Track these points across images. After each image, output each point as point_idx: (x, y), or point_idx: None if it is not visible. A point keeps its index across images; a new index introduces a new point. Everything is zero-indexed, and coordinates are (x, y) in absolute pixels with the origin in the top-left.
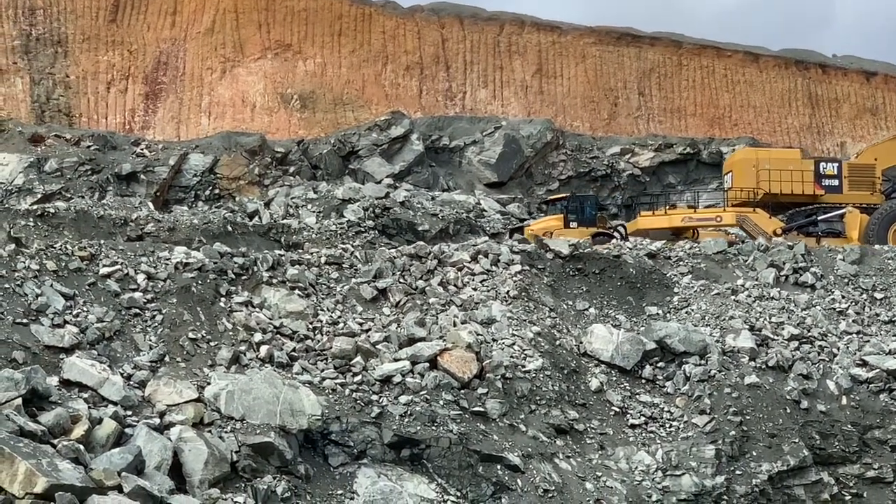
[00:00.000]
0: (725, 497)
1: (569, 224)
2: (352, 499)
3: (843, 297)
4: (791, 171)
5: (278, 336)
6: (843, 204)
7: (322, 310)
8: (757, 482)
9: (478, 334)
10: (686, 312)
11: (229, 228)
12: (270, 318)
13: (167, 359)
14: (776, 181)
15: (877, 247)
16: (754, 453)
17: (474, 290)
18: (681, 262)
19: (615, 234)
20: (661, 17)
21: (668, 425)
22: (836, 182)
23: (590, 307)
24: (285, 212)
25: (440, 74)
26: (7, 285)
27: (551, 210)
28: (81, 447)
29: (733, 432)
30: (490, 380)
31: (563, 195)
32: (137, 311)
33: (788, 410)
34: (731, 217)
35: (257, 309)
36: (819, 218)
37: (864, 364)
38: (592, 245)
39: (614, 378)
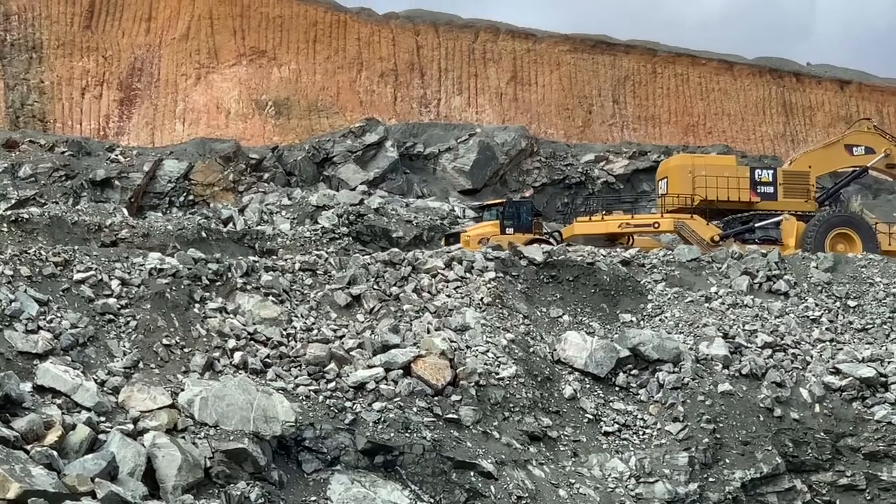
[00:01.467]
0: None
1: (505, 230)
2: None
3: (817, 304)
4: (727, 177)
5: (252, 342)
6: (778, 211)
7: (296, 316)
8: (730, 489)
9: (451, 341)
10: (660, 320)
11: (203, 234)
12: (244, 325)
13: (141, 365)
14: (712, 188)
15: (850, 255)
16: (727, 461)
17: (448, 296)
18: (655, 270)
19: (551, 240)
20: (642, 25)
21: (641, 433)
22: (771, 189)
23: (564, 314)
24: (259, 218)
25: (415, 81)
26: None
27: (487, 216)
28: (55, 453)
29: (706, 440)
30: (464, 387)
31: (499, 200)
32: (111, 316)
33: (762, 418)
34: (669, 223)
35: (231, 315)
36: (756, 225)
37: (837, 372)
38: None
39: (588, 385)
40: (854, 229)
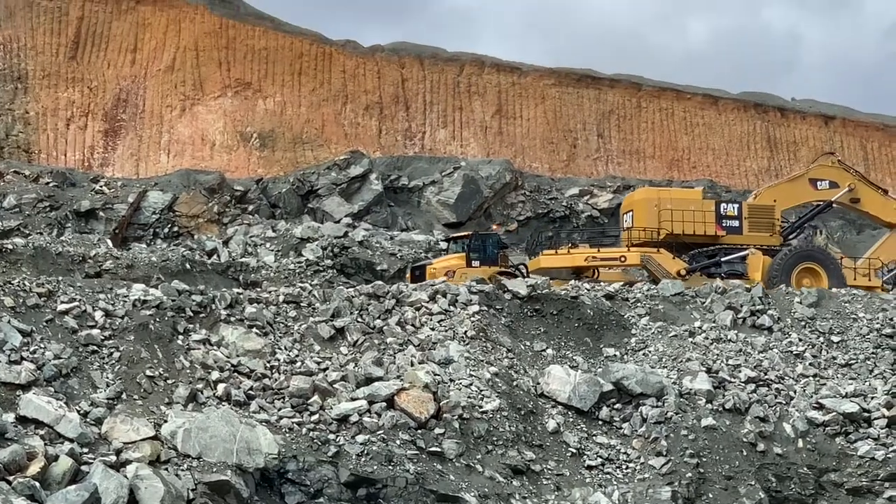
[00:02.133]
0: None
1: (471, 263)
2: None
3: (800, 339)
4: (693, 211)
5: (236, 374)
6: (743, 245)
7: (280, 348)
8: None
9: (435, 374)
10: (643, 354)
11: (188, 266)
12: (228, 357)
13: (124, 396)
14: (678, 221)
15: (833, 290)
16: (710, 495)
17: (432, 329)
18: (638, 304)
19: (517, 272)
20: (627, 60)
21: (624, 467)
22: (736, 223)
23: (547, 348)
24: (244, 250)
25: (400, 114)
26: None
27: (453, 248)
28: (37, 484)
29: (690, 474)
30: (447, 420)
31: (466, 233)
32: (95, 348)
33: (745, 453)
34: (636, 257)
35: (215, 347)
36: (722, 259)
37: (820, 407)
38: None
39: (571, 419)
40: (820, 264)
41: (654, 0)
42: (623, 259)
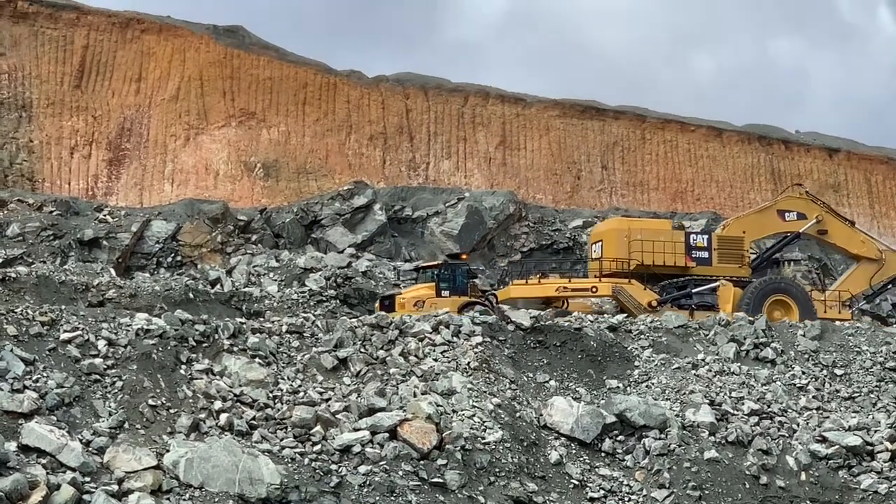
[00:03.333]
0: None
1: (441, 293)
2: None
3: (804, 372)
4: (663, 241)
5: (238, 404)
6: (713, 276)
7: (282, 378)
8: None
9: (438, 405)
10: (646, 386)
11: (191, 296)
12: (231, 386)
13: (126, 425)
14: (648, 252)
15: (837, 322)
16: None
17: (435, 360)
18: (642, 336)
19: (487, 303)
20: (633, 93)
21: (627, 499)
22: (706, 254)
23: (550, 379)
24: (247, 280)
25: (404, 145)
26: None
27: (422, 278)
28: None
29: None
30: (450, 451)
31: (435, 263)
32: (97, 377)
33: (748, 486)
34: (607, 288)
35: (217, 377)
36: (693, 291)
37: (823, 440)
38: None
39: (574, 451)
40: (790, 296)
41: (660, 35)
42: (594, 290)
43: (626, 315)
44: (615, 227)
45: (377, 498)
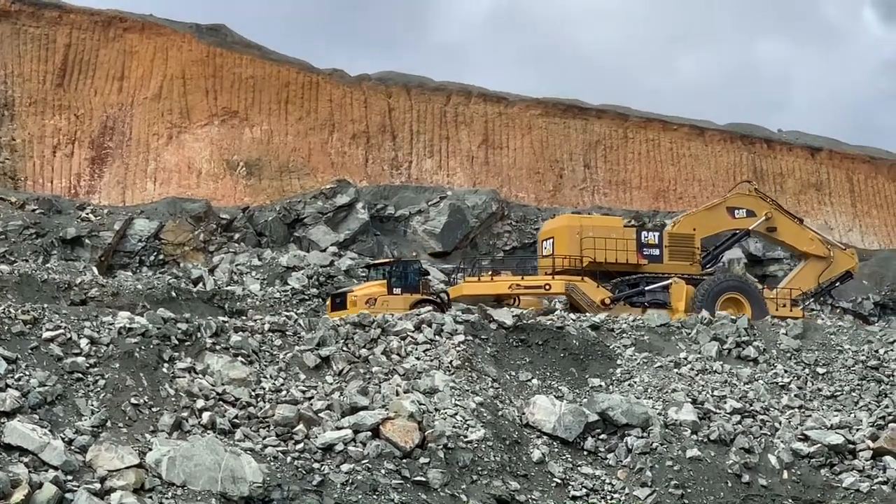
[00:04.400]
0: None
1: (392, 290)
2: None
3: (786, 371)
4: (615, 239)
5: (221, 403)
6: (665, 274)
7: (265, 377)
8: None
9: (420, 404)
10: (629, 385)
11: (173, 294)
12: (213, 385)
13: (109, 424)
14: (601, 249)
15: (819, 321)
16: None
17: (417, 359)
18: (624, 335)
19: (439, 300)
20: (618, 96)
21: (609, 497)
22: (657, 252)
23: (532, 378)
24: (230, 278)
25: (386, 143)
26: None
27: (374, 275)
28: None
29: None
30: (432, 449)
31: (387, 260)
32: (80, 375)
33: (730, 484)
34: (560, 285)
35: (200, 375)
36: (646, 288)
37: (805, 439)
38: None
39: (556, 449)
40: (743, 294)
41: (646, 36)
42: (548, 287)
43: (578, 313)
44: (566, 224)
45: (360, 496)
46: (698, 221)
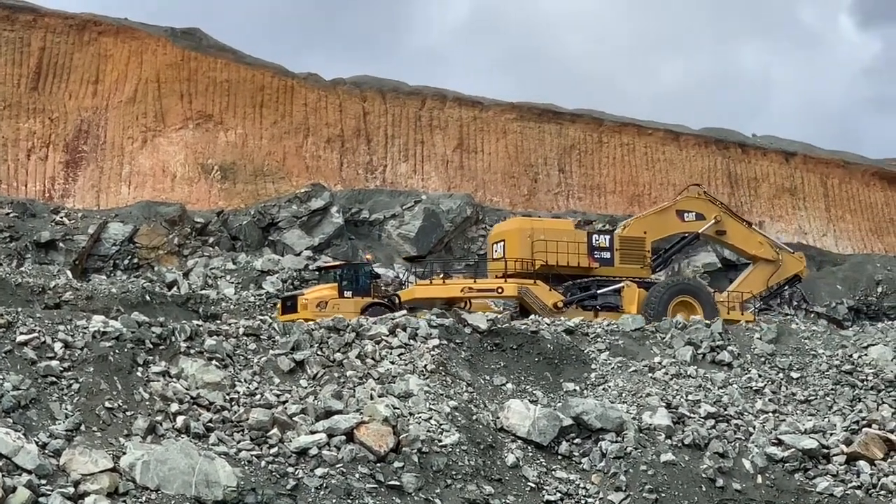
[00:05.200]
0: None
1: (343, 293)
2: None
3: (760, 375)
4: (566, 242)
5: (195, 406)
6: (617, 277)
7: (239, 381)
8: None
9: (395, 408)
10: (603, 389)
11: (147, 298)
12: (187, 389)
13: (83, 428)
14: (552, 252)
15: (793, 326)
16: None
17: (392, 363)
18: (598, 339)
19: (390, 303)
20: (598, 104)
21: (583, 502)
22: (608, 255)
23: (507, 382)
24: (204, 282)
25: (361, 147)
26: None
27: (324, 278)
28: None
29: None
30: (406, 454)
31: (337, 263)
32: (54, 379)
33: (704, 488)
34: (513, 289)
35: (174, 379)
36: (598, 292)
37: (779, 443)
38: (365, 316)
39: (530, 454)
40: (695, 297)
41: (625, 42)
42: (500, 290)
43: (529, 316)
44: (517, 227)
45: (334, 500)
46: (649, 224)
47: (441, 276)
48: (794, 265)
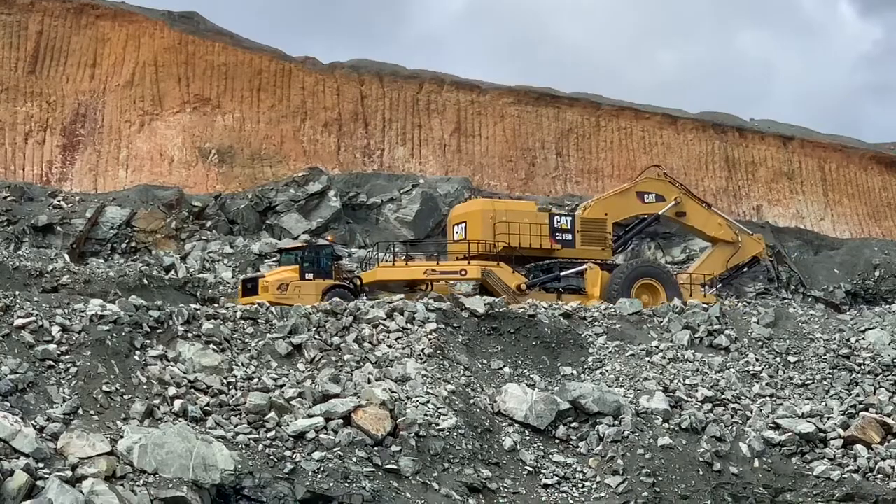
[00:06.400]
0: None
1: (305, 275)
2: None
3: (757, 360)
4: (529, 224)
5: (192, 390)
6: (579, 259)
7: (237, 365)
8: None
9: (392, 392)
10: (600, 373)
11: (145, 282)
12: (185, 373)
13: (80, 411)
14: (515, 234)
15: (791, 310)
16: None
17: (389, 347)
18: (596, 323)
19: (352, 285)
20: (602, 87)
21: (580, 485)
22: (569, 236)
23: (504, 366)
24: (201, 266)
25: (359, 131)
26: None
27: (285, 260)
28: None
29: (646, 493)
30: (404, 437)
31: (299, 245)
32: (51, 363)
33: (701, 472)
34: (476, 271)
35: (172, 363)
36: (561, 274)
37: (776, 427)
38: (328, 300)
39: (528, 437)
40: (658, 280)
41: (625, 29)
42: (463, 273)
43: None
44: (480, 208)
45: (331, 484)
46: (609, 206)
47: (404, 258)
48: (754, 247)
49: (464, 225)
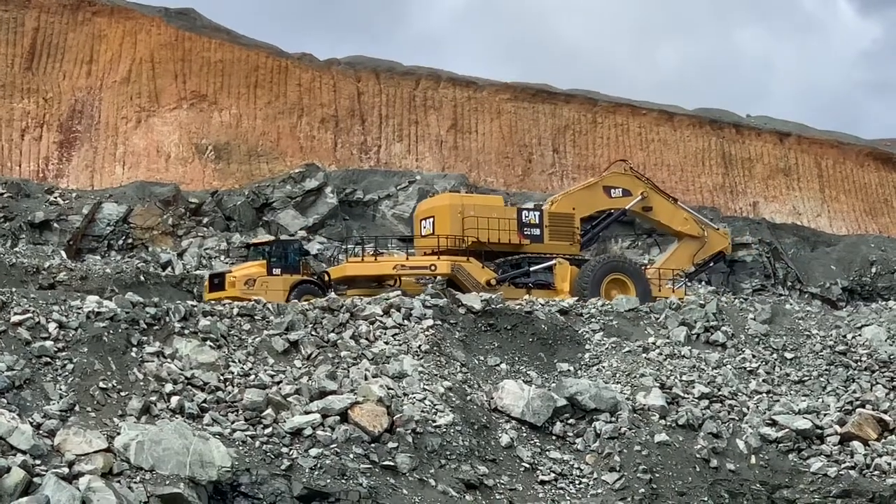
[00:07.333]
0: None
1: (272, 271)
2: None
3: (754, 356)
4: (497, 218)
5: (189, 387)
6: (548, 254)
7: (233, 361)
8: None
9: (389, 388)
10: (597, 369)
11: (142, 278)
12: (182, 369)
13: (77, 408)
14: (483, 229)
15: (787, 306)
16: None
17: (386, 343)
18: (593, 319)
19: (320, 281)
20: (601, 85)
21: (577, 482)
22: (538, 231)
23: (501, 363)
24: (198, 262)
25: (355, 128)
26: None
27: (253, 255)
28: None
29: (643, 490)
30: (400, 434)
31: (266, 240)
32: (48, 359)
33: (698, 469)
34: (446, 266)
35: (168, 359)
36: (531, 269)
37: (773, 423)
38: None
39: (525, 434)
40: (628, 275)
41: (625, 26)
42: (433, 268)
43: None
44: (448, 203)
45: (328, 481)
46: (577, 200)
47: (372, 253)
48: (719, 242)
49: (431, 220)
